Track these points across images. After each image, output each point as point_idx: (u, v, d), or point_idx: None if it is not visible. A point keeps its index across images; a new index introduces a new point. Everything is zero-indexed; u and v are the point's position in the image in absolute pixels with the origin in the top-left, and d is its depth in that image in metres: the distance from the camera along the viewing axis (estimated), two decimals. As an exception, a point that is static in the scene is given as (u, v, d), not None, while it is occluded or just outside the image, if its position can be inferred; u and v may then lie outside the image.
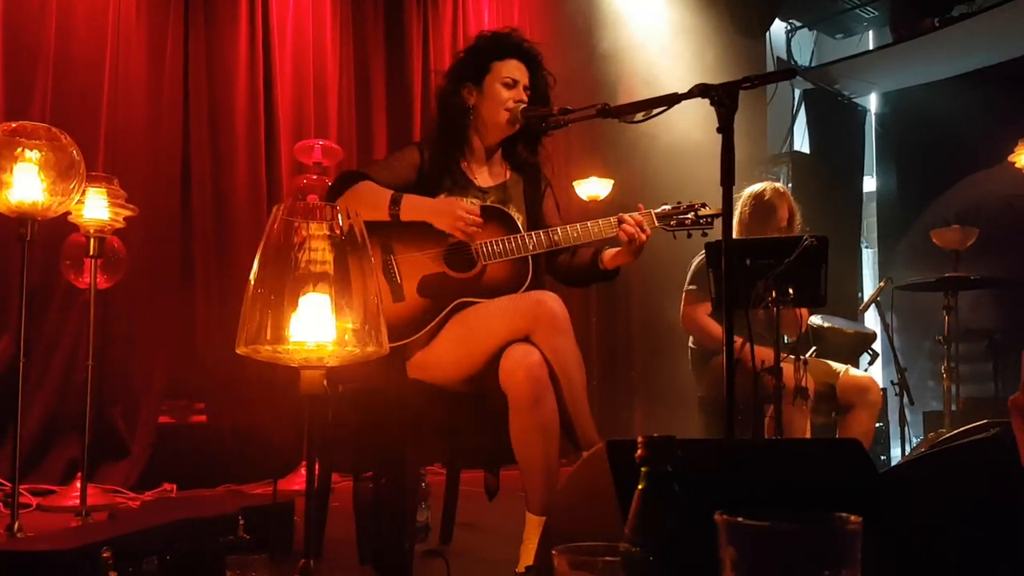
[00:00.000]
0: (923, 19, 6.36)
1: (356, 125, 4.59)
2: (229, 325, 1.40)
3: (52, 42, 3.59)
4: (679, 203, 2.34)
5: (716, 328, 3.27)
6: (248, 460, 3.80)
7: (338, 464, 2.45)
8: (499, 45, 2.36)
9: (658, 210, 2.33)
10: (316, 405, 1.42)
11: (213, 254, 3.99)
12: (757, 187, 3.52)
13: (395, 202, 2.18)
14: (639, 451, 0.74)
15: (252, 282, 1.37)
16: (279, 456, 3.78)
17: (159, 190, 3.86)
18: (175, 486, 3.56)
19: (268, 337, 1.34)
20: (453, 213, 2.16)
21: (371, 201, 2.18)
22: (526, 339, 2.05)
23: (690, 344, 3.55)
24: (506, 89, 2.33)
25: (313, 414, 1.43)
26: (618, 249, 2.31)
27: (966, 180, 6.78)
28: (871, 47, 7.33)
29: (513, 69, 2.35)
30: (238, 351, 1.37)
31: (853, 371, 3.41)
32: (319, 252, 1.41)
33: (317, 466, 2.20)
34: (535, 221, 2.40)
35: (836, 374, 3.35)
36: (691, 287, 3.42)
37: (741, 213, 3.46)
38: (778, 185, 3.55)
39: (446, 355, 2.16)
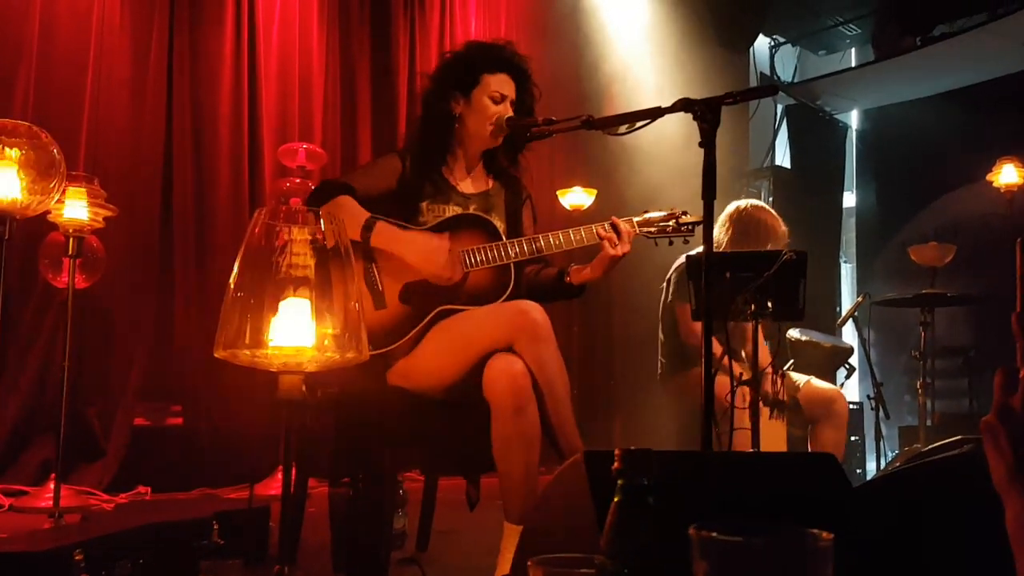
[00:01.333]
0: (905, 38, 6.44)
1: (341, 129, 4.59)
2: (207, 328, 1.39)
3: (35, 39, 3.56)
4: (660, 210, 2.36)
5: (718, 345, 3.21)
6: (224, 464, 3.77)
7: (315, 469, 2.44)
8: (491, 58, 2.36)
9: (639, 217, 2.34)
10: (294, 410, 1.41)
11: (193, 256, 3.96)
12: (745, 203, 3.49)
13: (367, 227, 2.18)
14: (615, 463, 0.74)
15: (232, 285, 1.37)
16: (256, 460, 3.76)
17: (140, 190, 3.83)
18: (149, 489, 3.53)
19: (247, 341, 1.34)
20: (427, 252, 2.17)
21: (346, 219, 2.17)
22: (509, 348, 2.05)
23: (660, 356, 3.54)
24: (493, 104, 2.33)
25: (291, 419, 1.43)
26: (587, 265, 2.32)
27: (944, 198, 6.86)
28: (853, 64, 7.42)
29: (503, 83, 2.35)
30: (216, 355, 1.36)
31: (816, 382, 3.41)
32: (300, 257, 1.41)
33: (294, 471, 2.19)
34: (515, 231, 2.41)
35: (797, 386, 3.35)
36: (675, 300, 3.40)
37: (736, 230, 3.40)
38: (762, 204, 3.53)
39: (428, 363, 2.16)
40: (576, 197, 4.83)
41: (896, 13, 6.53)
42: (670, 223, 2.34)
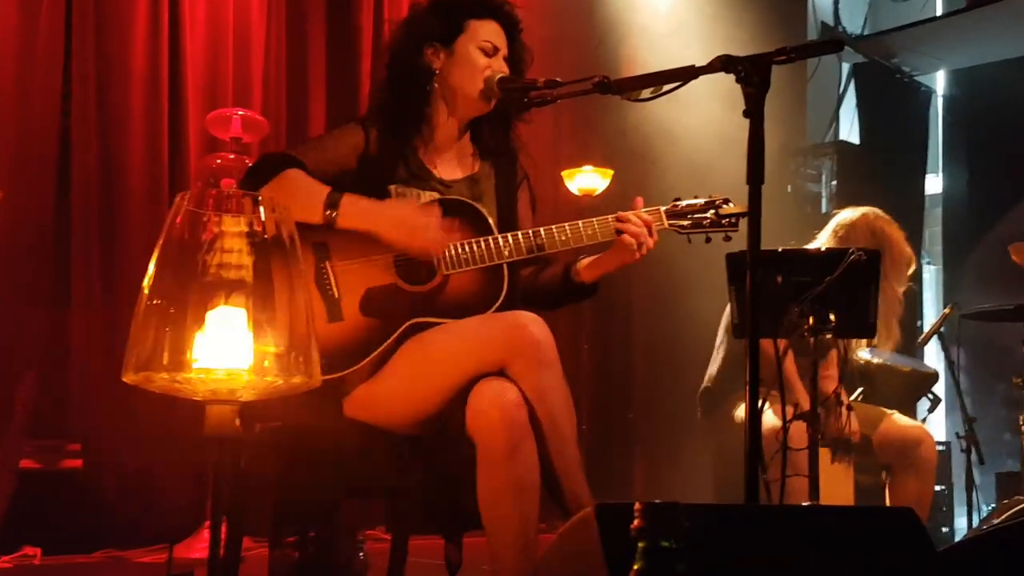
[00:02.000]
0: (1004, -22, 6.45)
1: (287, 93, 4.59)
2: (115, 345, 1.39)
3: None
4: (695, 198, 2.37)
5: (796, 380, 3.19)
6: (136, 519, 3.76)
7: (252, 526, 2.43)
8: (479, 1, 2.38)
9: (668, 206, 2.35)
10: (225, 450, 1.41)
11: (96, 253, 3.95)
12: (872, 212, 3.50)
13: (332, 203, 2.17)
14: (636, 521, 0.74)
15: (146, 291, 1.36)
16: (176, 514, 3.74)
17: (28, 170, 3.82)
18: (40, 551, 3.52)
19: (165, 362, 1.34)
20: (408, 225, 2.16)
21: (301, 198, 2.17)
22: (500, 372, 2.06)
23: (706, 382, 3.56)
24: (484, 56, 2.34)
25: (221, 461, 1.42)
26: (598, 256, 2.32)
27: (1055, 183, 6.89)
28: (939, 12, 7.44)
29: (493, 32, 2.37)
30: (125, 379, 1.36)
31: (899, 418, 3.41)
32: (234, 254, 1.41)
33: (224, 528, 2.18)
34: (508, 223, 2.41)
35: (875, 422, 3.35)
36: None
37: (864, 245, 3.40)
38: (887, 216, 3.55)
39: (397, 391, 2.16)
40: (587, 180, 4.84)
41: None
42: (708, 214, 2.35)
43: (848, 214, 3.58)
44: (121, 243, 3.98)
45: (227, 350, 1.36)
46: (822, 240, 3.57)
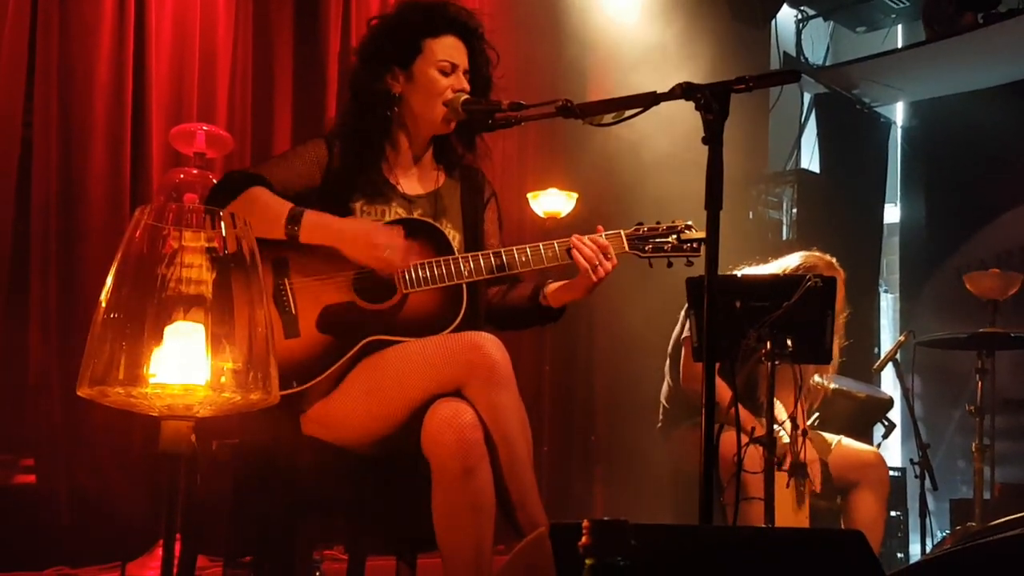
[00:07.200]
0: (964, 13, 6.55)
1: (252, 109, 4.57)
2: (71, 359, 1.39)
3: None
4: (657, 223, 2.39)
5: (727, 391, 3.24)
6: (88, 536, 3.71)
7: (207, 544, 2.42)
8: (433, 18, 2.39)
9: (630, 230, 2.37)
10: (180, 466, 1.40)
11: (55, 265, 3.91)
12: (817, 257, 3.53)
13: (294, 219, 2.18)
14: (583, 538, 0.75)
15: (103, 304, 1.36)
16: (130, 531, 3.70)
17: (-12, 180, 3.79)
18: (-11, 568, 3.47)
19: (121, 376, 1.33)
20: (370, 240, 2.17)
21: (264, 214, 2.17)
22: (457, 393, 2.06)
23: (663, 402, 3.59)
24: (443, 76, 2.35)
25: (176, 478, 1.42)
26: (566, 281, 2.34)
27: (1010, 213, 6.98)
28: (899, 45, 7.55)
29: (450, 49, 2.37)
30: (81, 393, 1.36)
31: (848, 442, 3.47)
32: (194, 269, 1.41)
33: (177, 546, 2.17)
34: (475, 239, 2.43)
35: (828, 447, 3.41)
36: (689, 334, 3.45)
37: None
38: (835, 262, 3.58)
39: (353, 409, 2.16)
40: (552, 202, 4.85)
41: (953, -17, 6.64)
42: (669, 239, 2.37)
43: (794, 259, 3.58)
44: (80, 256, 3.94)
45: (184, 365, 1.36)
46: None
